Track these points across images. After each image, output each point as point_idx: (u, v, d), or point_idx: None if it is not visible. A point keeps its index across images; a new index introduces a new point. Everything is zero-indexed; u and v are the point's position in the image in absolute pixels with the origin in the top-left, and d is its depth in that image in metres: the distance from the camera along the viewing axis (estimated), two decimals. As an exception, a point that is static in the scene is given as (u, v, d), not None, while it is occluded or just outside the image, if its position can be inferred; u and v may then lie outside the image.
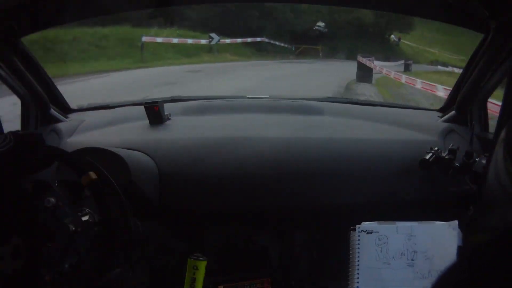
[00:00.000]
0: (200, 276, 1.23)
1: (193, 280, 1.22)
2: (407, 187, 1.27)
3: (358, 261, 1.06)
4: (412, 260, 1.05)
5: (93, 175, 0.86)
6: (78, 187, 0.89)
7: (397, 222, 1.07)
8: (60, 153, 0.90)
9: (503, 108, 1.03)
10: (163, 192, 1.20)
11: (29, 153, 0.85)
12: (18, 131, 0.86)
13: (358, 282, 1.03)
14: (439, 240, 1.05)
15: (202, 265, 1.23)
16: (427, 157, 1.22)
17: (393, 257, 1.06)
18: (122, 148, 1.21)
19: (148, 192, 1.17)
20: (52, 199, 0.82)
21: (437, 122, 1.53)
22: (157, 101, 1.39)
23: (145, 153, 1.23)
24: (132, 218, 0.96)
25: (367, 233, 1.07)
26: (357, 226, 1.08)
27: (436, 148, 1.24)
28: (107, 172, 0.93)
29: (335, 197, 1.25)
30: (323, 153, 1.29)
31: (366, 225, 1.08)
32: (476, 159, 1.20)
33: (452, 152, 1.23)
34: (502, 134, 0.49)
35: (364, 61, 10.98)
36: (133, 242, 0.96)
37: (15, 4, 1.07)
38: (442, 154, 1.23)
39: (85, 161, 0.90)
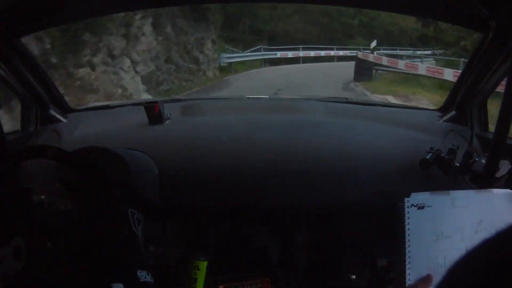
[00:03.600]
0: (202, 276, 1.23)
1: (194, 280, 1.22)
2: (407, 187, 1.27)
3: (409, 240, 0.90)
4: (476, 232, 0.90)
5: (53, 147, 0.86)
6: (79, 186, 0.89)
7: (451, 192, 0.93)
8: (13, 153, 0.89)
9: (503, 108, 1.03)
10: (163, 192, 1.20)
11: None
12: None
13: (409, 263, 0.89)
14: (498, 211, 0.91)
15: (204, 265, 1.23)
16: (427, 157, 1.22)
17: (449, 234, 0.90)
18: (122, 148, 1.21)
19: (147, 192, 1.17)
20: (38, 197, 0.82)
21: (437, 122, 1.53)
22: (157, 101, 1.39)
23: (145, 153, 1.23)
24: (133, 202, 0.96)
25: (418, 208, 0.92)
26: (406, 199, 0.93)
27: (436, 148, 1.24)
28: (107, 172, 0.93)
29: (334, 197, 1.25)
30: (323, 153, 1.29)
31: (416, 197, 0.92)
32: (476, 159, 1.21)
33: (452, 152, 1.23)
34: None
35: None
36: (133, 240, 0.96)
37: (15, 4, 1.07)
38: (442, 154, 1.24)
39: (38, 146, 0.89)
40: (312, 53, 18.55)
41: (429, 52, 19.04)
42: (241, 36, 18.39)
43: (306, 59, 18.43)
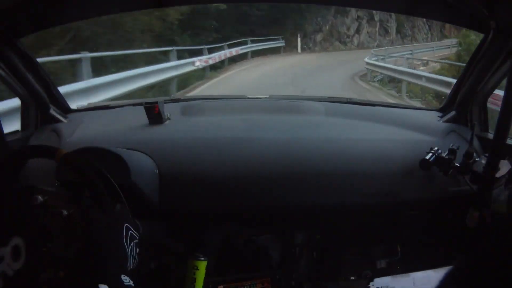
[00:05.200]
0: (200, 276, 1.23)
1: (193, 280, 1.23)
2: (407, 187, 1.27)
3: None
4: None
5: (63, 150, 0.86)
6: (78, 187, 0.88)
7: (411, 274, 0.98)
8: (21, 150, 0.90)
9: (503, 108, 1.03)
10: (163, 192, 1.20)
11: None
12: None
13: None
14: None
15: (203, 265, 1.23)
16: (427, 157, 1.22)
17: None
18: (122, 148, 1.21)
19: (147, 192, 1.17)
20: (39, 197, 0.82)
21: (437, 122, 1.53)
22: (157, 101, 1.39)
23: (145, 153, 1.23)
24: (132, 218, 0.96)
25: None
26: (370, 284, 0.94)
27: (436, 148, 1.24)
28: (107, 172, 0.93)
29: (334, 197, 1.25)
30: (323, 153, 1.29)
31: (378, 282, 0.98)
32: (476, 159, 1.21)
33: (452, 152, 1.23)
34: None
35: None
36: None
37: (15, 4, 1.07)
38: (442, 154, 1.24)
39: (48, 147, 0.90)
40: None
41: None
42: None
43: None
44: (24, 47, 1.30)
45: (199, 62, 10.00)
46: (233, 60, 13.22)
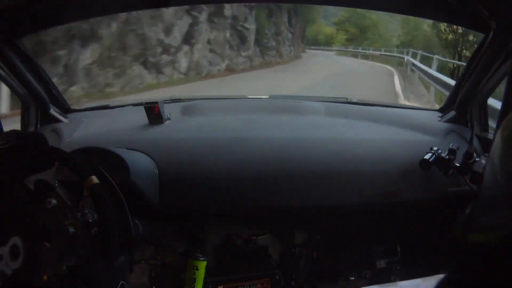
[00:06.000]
0: (200, 276, 1.23)
1: (193, 280, 1.23)
2: (407, 187, 1.27)
3: None
4: None
5: (94, 179, 0.84)
6: (77, 186, 0.88)
7: (399, 283, 0.98)
8: (62, 155, 0.89)
9: (503, 108, 1.03)
10: (163, 192, 1.20)
11: (30, 153, 0.85)
12: (19, 130, 0.85)
13: None
14: None
15: (202, 265, 1.23)
16: (427, 157, 1.22)
17: None
18: (122, 148, 1.21)
19: (147, 192, 1.17)
20: (54, 200, 0.81)
21: (437, 122, 1.53)
22: (157, 101, 1.39)
23: (145, 153, 1.23)
24: (132, 218, 0.96)
25: None
26: None
27: (436, 148, 1.24)
28: (107, 172, 0.93)
29: (334, 197, 1.25)
30: (323, 153, 1.29)
31: None
32: (476, 159, 1.21)
33: (452, 152, 1.23)
34: (498, 133, 0.48)
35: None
36: (132, 242, 0.95)
37: (15, 4, 1.07)
38: (442, 154, 1.24)
39: (86, 164, 0.88)
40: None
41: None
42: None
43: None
44: (24, 47, 1.30)
45: None
46: None
